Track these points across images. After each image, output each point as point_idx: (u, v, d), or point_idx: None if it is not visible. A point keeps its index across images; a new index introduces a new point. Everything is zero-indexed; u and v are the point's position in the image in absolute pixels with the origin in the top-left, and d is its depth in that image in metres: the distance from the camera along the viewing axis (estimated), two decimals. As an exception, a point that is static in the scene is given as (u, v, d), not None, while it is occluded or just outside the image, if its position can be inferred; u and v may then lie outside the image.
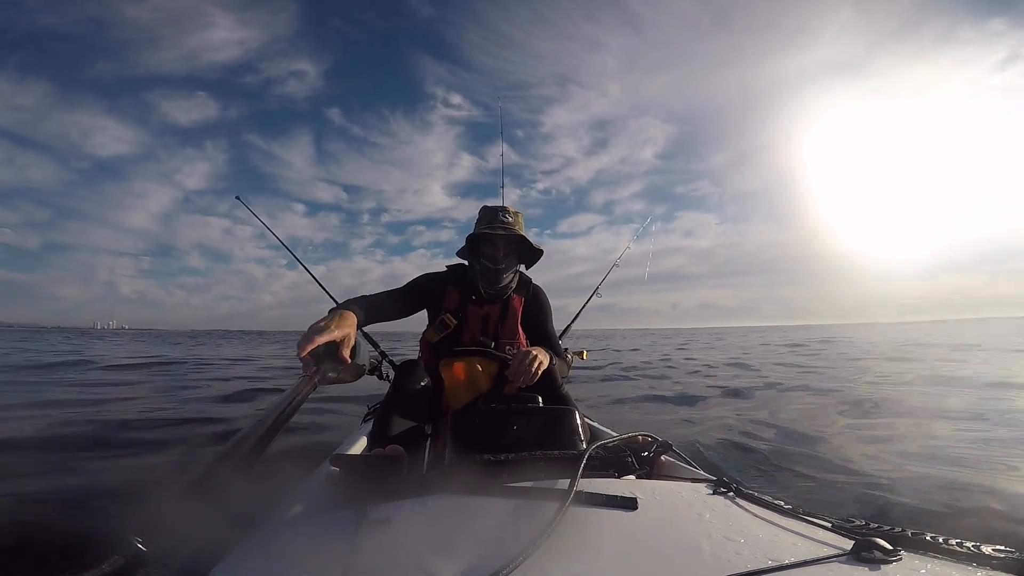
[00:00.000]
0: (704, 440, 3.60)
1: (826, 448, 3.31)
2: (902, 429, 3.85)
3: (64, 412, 4.71)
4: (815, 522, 0.75)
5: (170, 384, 7.74)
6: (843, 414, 4.60)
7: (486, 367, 1.62)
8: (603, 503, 0.76)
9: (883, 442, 3.44)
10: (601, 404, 5.69)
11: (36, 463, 2.99)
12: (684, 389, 6.85)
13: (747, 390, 6.49)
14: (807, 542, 0.67)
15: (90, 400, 5.70)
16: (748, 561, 0.60)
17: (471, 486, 0.83)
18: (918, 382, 6.76)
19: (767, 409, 4.97)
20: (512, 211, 1.70)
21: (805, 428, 3.96)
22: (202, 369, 10.49)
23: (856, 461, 2.95)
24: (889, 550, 0.61)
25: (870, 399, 5.33)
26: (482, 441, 1.11)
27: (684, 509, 0.78)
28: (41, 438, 3.70)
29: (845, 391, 6.13)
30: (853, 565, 0.60)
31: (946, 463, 2.85)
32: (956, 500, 2.27)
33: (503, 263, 1.64)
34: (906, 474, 2.66)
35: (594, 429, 1.88)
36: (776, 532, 0.71)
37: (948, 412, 4.48)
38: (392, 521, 0.71)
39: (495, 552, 0.62)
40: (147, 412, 4.90)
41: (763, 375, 8.54)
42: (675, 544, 0.65)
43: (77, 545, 1.83)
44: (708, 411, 5.05)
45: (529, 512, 0.74)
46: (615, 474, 0.99)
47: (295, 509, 1.05)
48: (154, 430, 4.09)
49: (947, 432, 3.69)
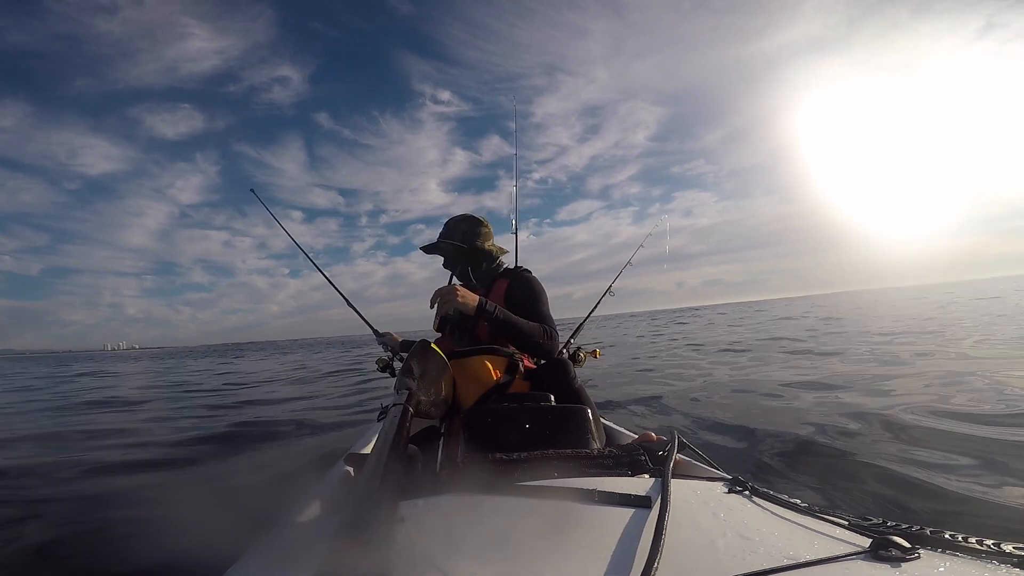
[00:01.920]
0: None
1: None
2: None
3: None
4: (832, 520, 0.74)
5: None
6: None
7: (495, 363, 1.63)
8: (617, 502, 0.75)
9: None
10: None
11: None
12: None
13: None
14: (824, 540, 0.66)
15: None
16: (764, 559, 0.59)
17: (484, 485, 0.83)
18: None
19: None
20: (473, 221, 2.01)
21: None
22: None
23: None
24: (907, 548, 0.60)
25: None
26: (495, 440, 1.11)
27: (699, 508, 0.78)
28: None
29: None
30: (871, 563, 0.59)
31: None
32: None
33: (448, 265, 2.05)
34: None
35: (608, 428, 1.87)
36: (792, 530, 0.70)
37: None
38: (406, 520, 0.71)
39: (508, 551, 0.62)
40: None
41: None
42: (690, 543, 0.64)
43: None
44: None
45: (542, 511, 0.74)
46: (629, 473, 0.98)
47: (310, 509, 1.07)
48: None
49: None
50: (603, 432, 1.42)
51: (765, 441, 3.12)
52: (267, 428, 4.80)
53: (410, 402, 0.90)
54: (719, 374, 6.29)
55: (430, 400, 1.12)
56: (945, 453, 2.61)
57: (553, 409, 1.31)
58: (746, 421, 3.63)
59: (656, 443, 1.21)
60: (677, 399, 4.83)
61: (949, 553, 0.62)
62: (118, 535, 2.16)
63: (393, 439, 0.70)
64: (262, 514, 1.20)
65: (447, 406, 1.42)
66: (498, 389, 1.57)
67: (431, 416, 1.22)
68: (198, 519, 2.14)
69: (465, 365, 1.61)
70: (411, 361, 1.09)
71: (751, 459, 2.88)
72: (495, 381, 1.58)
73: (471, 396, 1.57)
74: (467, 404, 1.54)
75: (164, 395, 8.56)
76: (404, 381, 1.00)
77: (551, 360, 1.68)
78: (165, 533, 2.08)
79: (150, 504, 2.53)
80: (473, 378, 1.59)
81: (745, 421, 3.64)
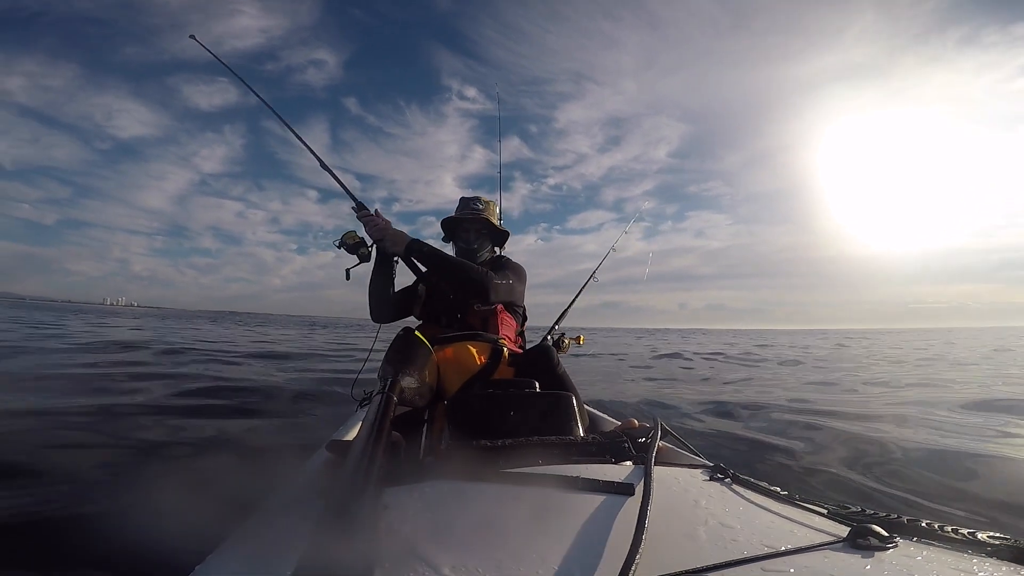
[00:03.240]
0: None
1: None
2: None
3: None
4: (811, 509, 0.75)
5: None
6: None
7: (479, 349, 1.62)
8: (600, 489, 0.76)
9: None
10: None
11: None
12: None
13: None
14: (803, 529, 0.68)
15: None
16: (744, 547, 0.60)
17: (468, 472, 0.83)
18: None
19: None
20: (484, 200, 2.02)
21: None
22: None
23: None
24: (885, 536, 0.62)
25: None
26: (479, 427, 1.10)
27: (680, 495, 0.78)
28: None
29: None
30: (848, 552, 0.60)
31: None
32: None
33: (475, 243, 1.96)
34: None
35: (592, 414, 1.88)
36: (772, 519, 0.72)
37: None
38: (389, 507, 0.71)
39: (492, 538, 0.62)
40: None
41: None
42: (671, 530, 0.65)
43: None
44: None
45: (526, 498, 0.73)
46: (612, 460, 0.99)
47: (290, 495, 1.05)
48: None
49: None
50: (587, 418, 1.43)
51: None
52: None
53: (393, 389, 0.89)
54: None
55: (414, 387, 1.11)
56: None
57: (537, 395, 1.31)
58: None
59: (639, 430, 1.22)
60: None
61: (925, 542, 0.64)
62: (91, 516, 2.10)
63: (377, 426, 0.69)
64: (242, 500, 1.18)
65: (431, 393, 1.40)
66: (482, 375, 1.56)
67: (415, 404, 1.20)
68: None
69: (449, 351, 1.60)
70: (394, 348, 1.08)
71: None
72: (479, 367, 1.58)
73: (455, 383, 1.56)
74: (451, 391, 1.53)
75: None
76: (387, 368, 0.99)
77: (535, 347, 1.68)
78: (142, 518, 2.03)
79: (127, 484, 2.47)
80: (457, 364, 1.58)
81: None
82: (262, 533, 0.78)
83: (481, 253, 1.98)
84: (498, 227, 2.01)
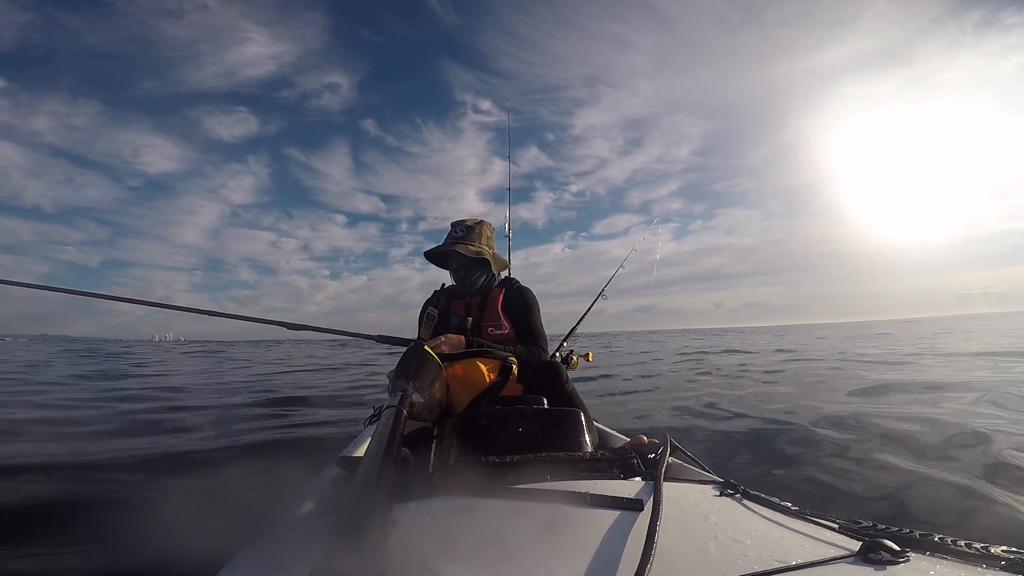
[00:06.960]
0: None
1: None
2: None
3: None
4: (822, 523, 0.74)
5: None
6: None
7: (488, 366, 1.62)
8: (609, 505, 0.76)
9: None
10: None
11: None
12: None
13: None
14: (814, 543, 0.67)
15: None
16: (754, 562, 0.59)
17: (476, 488, 0.83)
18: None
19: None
20: (470, 223, 1.97)
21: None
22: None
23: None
24: (897, 551, 0.61)
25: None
26: (487, 443, 1.11)
27: (690, 511, 0.78)
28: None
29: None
30: (860, 566, 0.59)
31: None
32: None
33: (462, 271, 1.93)
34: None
35: (601, 431, 1.87)
36: (783, 533, 0.71)
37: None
38: (398, 523, 0.71)
39: (501, 554, 0.62)
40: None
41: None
42: (682, 546, 0.64)
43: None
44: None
45: (534, 514, 0.74)
46: (621, 476, 0.99)
47: (301, 511, 1.06)
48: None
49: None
50: (596, 435, 1.43)
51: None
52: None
53: (404, 404, 0.90)
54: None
55: (424, 403, 1.12)
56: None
57: (546, 412, 1.31)
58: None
59: (648, 446, 1.21)
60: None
61: (938, 556, 0.63)
62: (108, 530, 2.09)
63: (387, 442, 0.70)
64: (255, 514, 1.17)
65: (441, 409, 1.41)
66: (491, 392, 1.57)
67: (425, 419, 1.21)
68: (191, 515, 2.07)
69: (458, 368, 1.60)
70: (405, 363, 1.09)
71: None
72: (488, 384, 1.58)
73: (464, 399, 1.57)
74: (460, 407, 1.53)
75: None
76: (398, 383, 0.99)
77: (544, 363, 1.69)
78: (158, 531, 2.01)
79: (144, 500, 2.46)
80: (466, 380, 1.58)
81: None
82: (272, 548, 0.78)
83: (475, 275, 1.93)
84: (480, 251, 1.89)
